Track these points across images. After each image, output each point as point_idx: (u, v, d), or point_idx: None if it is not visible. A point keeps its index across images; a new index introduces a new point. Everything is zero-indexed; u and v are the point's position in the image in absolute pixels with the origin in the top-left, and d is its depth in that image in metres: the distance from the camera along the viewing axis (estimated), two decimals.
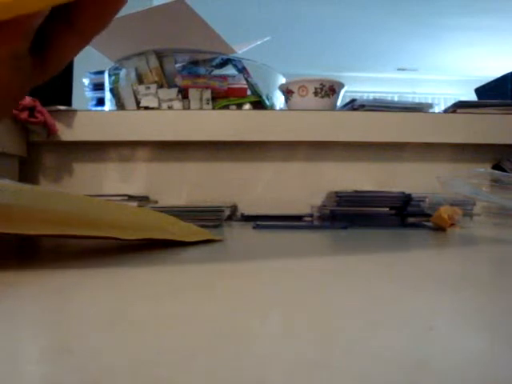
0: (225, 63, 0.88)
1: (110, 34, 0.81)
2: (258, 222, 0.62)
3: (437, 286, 0.23)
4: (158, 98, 0.83)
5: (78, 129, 0.80)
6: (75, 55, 0.24)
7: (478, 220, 0.66)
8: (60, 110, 0.79)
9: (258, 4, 3.40)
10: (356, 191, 0.69)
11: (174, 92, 0.83)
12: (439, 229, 0.58)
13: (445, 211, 0.57)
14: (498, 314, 0.18)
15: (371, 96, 3.37)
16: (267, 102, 0.89)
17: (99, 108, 0.96)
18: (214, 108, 0.83)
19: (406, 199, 0.66)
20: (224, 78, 0.85)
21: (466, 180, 0.56)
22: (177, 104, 0.83)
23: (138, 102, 0.84)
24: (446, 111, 0.89)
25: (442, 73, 4.83)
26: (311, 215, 0.75)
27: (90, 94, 0.99)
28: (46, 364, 0.13)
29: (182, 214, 0.61)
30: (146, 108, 0.83)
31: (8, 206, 0.27)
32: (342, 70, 4.28)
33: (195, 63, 0.86)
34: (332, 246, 0.46)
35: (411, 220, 0.66)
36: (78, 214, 0.31)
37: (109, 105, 0.90)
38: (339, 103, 0.87)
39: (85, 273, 0.26)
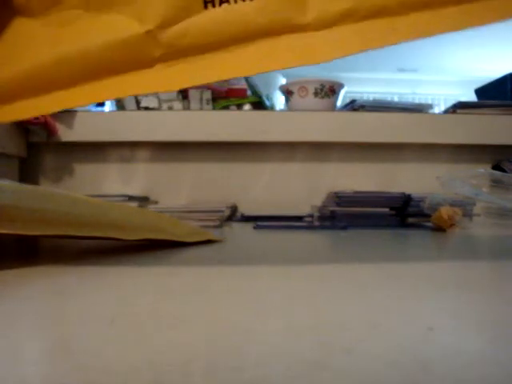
0: None
1: None
2: (258, 223, 0.62)
3: (437, 287, 0.23)
4: (158, 99, 0.83)
5: (78, 129, 0.80)
6: None
7: (477, 220, 0.66)
8: (60, 111, 0.79)
9: None
10: (356, 192, 0.69)
11: (174, 92, 0.83)
12: (439, 229, 0.58)
13: (445, 212, 0.57)
14: (497, 314, 0.18)
15: (371, 97, 3.37)
16: (267, 103, 0.89)
17: (99, 109, 0.96)
18: (214, 108, 0.83)
19: (406, 199, 0.66)
20: None
21: (466, 180, 0.56)
22: (177, 104, 0.83)
23: (138, 103, 0.84)
24: (446, 112, 0.89)
25: (442, 73, 4.83)
26: (311, 215, 0.75)
27: None
28: (46, 364, 0.13)
29: (182, 214, 0.61)
30: (146, 108, 0.83)
31: (8, 206, 0.27)
32: (342, 70, 4.28)
33: None
34: (332, 246, 0.46)
35: (411, 220, 0.66)
36: (78, 215, 0.32)
37: (109, 105, 0.90)
38: (339, 104, 0.87)
39: (85, 273, 0.26)
